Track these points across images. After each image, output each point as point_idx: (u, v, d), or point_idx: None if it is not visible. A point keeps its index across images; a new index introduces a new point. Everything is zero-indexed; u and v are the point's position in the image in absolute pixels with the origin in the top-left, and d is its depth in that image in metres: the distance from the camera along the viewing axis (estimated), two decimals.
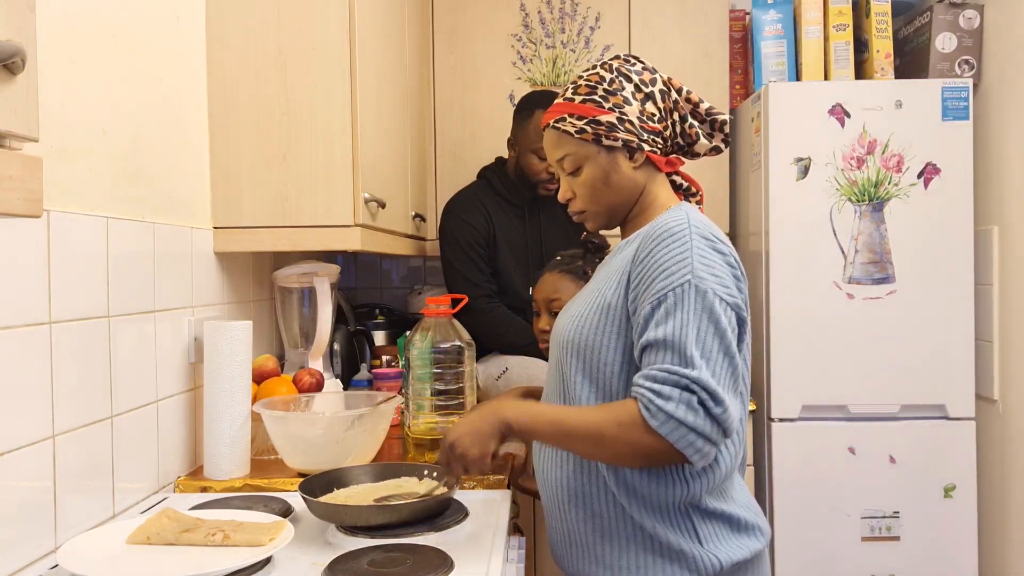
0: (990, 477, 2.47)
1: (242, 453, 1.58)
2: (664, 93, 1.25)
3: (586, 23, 2.73)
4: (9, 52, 0.66)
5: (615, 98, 1.23)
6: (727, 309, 1.11)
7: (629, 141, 1.23)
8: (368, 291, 3.04)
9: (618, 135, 1.23)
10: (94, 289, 1.28)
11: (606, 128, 1.23)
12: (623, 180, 1.25)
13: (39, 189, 0.72)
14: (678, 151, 1.29)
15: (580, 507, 1.21)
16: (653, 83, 1.25)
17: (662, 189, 1.29)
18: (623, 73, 1.24)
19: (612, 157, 1.24)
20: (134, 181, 1.42)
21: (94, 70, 1.30)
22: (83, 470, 1.25)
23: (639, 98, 1.23)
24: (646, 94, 1.24)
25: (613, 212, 1.29)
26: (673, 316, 1.09)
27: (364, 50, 1.74)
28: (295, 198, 1.69)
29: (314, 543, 1.22)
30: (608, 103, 1.23)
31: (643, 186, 1.27)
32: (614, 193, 1.26)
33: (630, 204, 1.28)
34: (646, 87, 1.24)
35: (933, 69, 2.53)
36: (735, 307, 1.13)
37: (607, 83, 1.24)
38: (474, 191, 2.38)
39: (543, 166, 2.26)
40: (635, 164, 1.25)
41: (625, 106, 1.22)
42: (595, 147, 1.24)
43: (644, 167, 1.26)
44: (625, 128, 1.22)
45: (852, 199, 2.47)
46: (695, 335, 1.08)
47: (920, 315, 2.45)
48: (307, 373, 1.73)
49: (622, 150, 1.24)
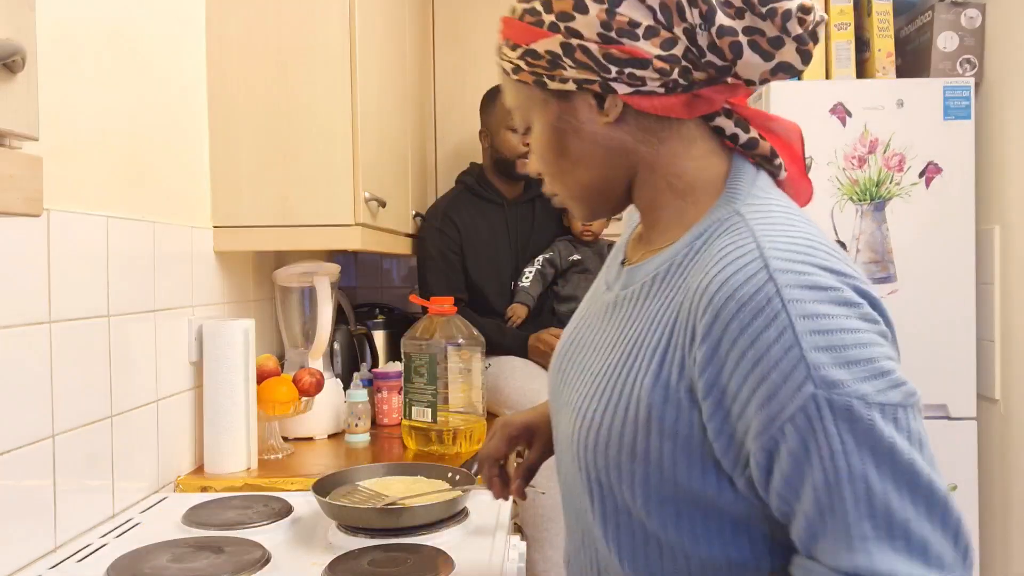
0: (991, 477, 2.47)
1: (243, 452, 1.58)
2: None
3: None
4: (9, 51, 0.66)
5: (562, 3, 0.73)
6: (895, 417, 0.62)
7: (586, 80, 0.74)
8: (368, 290, 3.04)
9: (565, 73, 0.74)
10: (94, 288, 1.28)
11: (547, 62, 0.75)
12: (588, 145, 0.78)
13: (39, 188, 0.72)
14: (719, 75, 0.74)
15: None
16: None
17: (690, 154, 0.77)
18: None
19: (568, 106, 0.77)
20: (134, 180, 1.42)
21: (94, 69, 1.30)
22: (83, 469, 1.24)
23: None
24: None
25: (588, 196, 0.82)
26: (805, 467, 0.63)
27: (365, 49, 1.73)
28: (295, 197, 1.69)
29: (314, 543, 1.22)
30: (550, 15, 0.74)
31: (635, 152, 0.77)
32: (576, 166, 0.79)
33: (617, 183, 0.80)
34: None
35: (935, 68, 2.53)
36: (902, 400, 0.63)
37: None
38: (450, 198, 2.40)
39: (518, 139, 2.26)
40: (608, 117, 0.76)
41: (576, 16, 0.72)
42: (540, 94, 0.78)
43: (632, 119, 0.76)
44: (575, 59, 0.73)
45: (853, 198, 2.47)
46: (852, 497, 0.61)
47: (921, 315, 2.45)
48: (307, 373, 1.73)
49: (581, 95, 0.76)
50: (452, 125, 2.72)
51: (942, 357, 2.44)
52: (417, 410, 1.74)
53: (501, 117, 2.29)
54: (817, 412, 0.62)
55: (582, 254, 2.34)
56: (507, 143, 2.29)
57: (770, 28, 0.70)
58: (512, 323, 2.27)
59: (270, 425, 1.71)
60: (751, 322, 0.64)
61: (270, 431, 1.71)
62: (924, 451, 0.63)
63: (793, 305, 0.63)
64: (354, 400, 1.84)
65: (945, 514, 0.62)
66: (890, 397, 0.63)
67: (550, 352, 2.17)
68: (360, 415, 1.83)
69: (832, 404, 0.61)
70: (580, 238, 2.35)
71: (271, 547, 1.18)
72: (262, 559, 1.13)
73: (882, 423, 0.62)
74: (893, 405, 0.63)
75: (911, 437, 0.63)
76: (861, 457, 0.61)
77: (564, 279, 2.34)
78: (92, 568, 1.10)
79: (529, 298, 2.29)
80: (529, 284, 2.30)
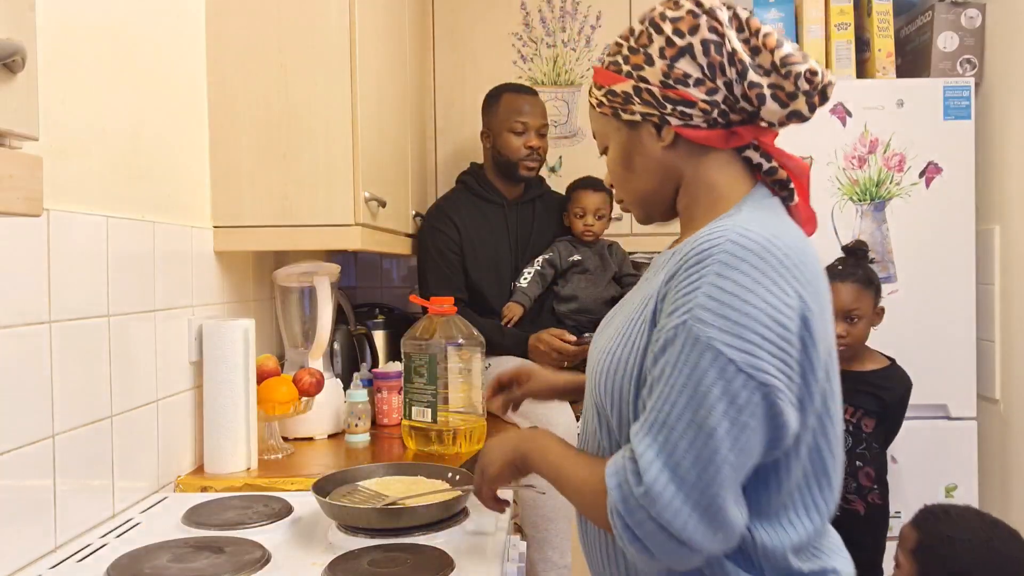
0: (991, 477, 2.47)
1: (243, 452, 1.58)
2: (711, 44, 0.95)
3: (587, 22, 2.73)
4: (9, 51, 0.66)
5: (636, 57, 0.98)
6: (726, 368, 0.82)
7: (649, 115, 0.99)
8: (368, 290, 3.04)
9: (634, 108, 0.99)
10: (94, 288, 1.28)
11: (622, 99, 1.00)
12: (649, 163, 1.02)
13: (39, 188, 0.72)
14: (750, 119, 0.98)
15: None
16: (694, 31, 0.95)
17: (722, 174, 1.00)
18: (655, 23, 0.98)
19: (635, 134, 1.02)
20: (134, 180, 1.42)
21: (94, 69, 1.30)
22: (83, 469, 1.24)
23: (669, 55, 0.96)
24: (679, 49, 0.96)
25: (647, 202, 1.06)
26: (656, 366, 0.87)
27: (364, 48, 1.73)
28: (295, 197, 1.69)
29: (314, 543, 1.22)
30: (627, 66, 0.99)
31: (681, 171, 1.01)
32: (639, 178, 1.04)
33: (667, 192, 1.04)
34: (681, 38, 0.96)
35: (935, 68, 2.53)
36: (746, 367, 0.82)
37: (634, 39, 1.00)
38: (450, 199, 2.40)
39: (521, 142, 2.28)
40: (663, 143, 1.00)
41: (646, 67, 0.97)
42: (615, 123, 1.03)
43: (681, 146, 1.00)
44: (642, 98, 0.98)
45: (853, 198, 2.47)
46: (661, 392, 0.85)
47: (921, 315, 2.45)
48: (307, 372, 1.73)
49: (645, 125, 1.00)
50: (452, 125, 2.72)
51: (942, 357, 2.44)
52: (417, 410, 1.74)
53: (504, 119, 2.29)
54: (681, 333, 0.84)
55: (582, 254, 2.34)
56: (509, 145, 2.29)
57: (788, 85, 0.93)
58: (507, 322, 2.27)
59: (270, 425, 1.71)
60: (693, 262, 0.87)
61: (270, 431, 1.71)
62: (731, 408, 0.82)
63: (718, 265, 0.85)
64: (354, 400, 1.84)
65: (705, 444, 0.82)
66: (731, 353, 0.82)
67: (550, 352, 2.17)
68: (360, 415, 1.83)
69: (689, 332, 0.84)
70: (581, 238, 2.35)
71: (271, 547, 1.18)
72: (262, 559, 1.13)
73: (710, 361, 0.82)
74: (732, 361, 0.82)
75: (727, 388, 0.82)
76: (680, 371, 0.84)
77: (564, 279, 2.34)
78: (92, 568, 1.10)
79: (525, 298, 2.29)
80: (527, 284, 2.30)
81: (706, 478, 0.82)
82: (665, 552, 0.85)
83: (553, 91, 2.72)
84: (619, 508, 0.86)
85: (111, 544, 1.20)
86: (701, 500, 0.83)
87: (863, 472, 2.09)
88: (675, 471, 0.83)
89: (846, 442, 2.11)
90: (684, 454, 0.83)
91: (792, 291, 0.86)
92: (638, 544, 0.86)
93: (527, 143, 2.29)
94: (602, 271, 2.35)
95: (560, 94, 2.74)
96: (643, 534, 0.85)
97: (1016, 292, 2.37)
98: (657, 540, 0.84)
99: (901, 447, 2.44)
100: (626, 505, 0.85)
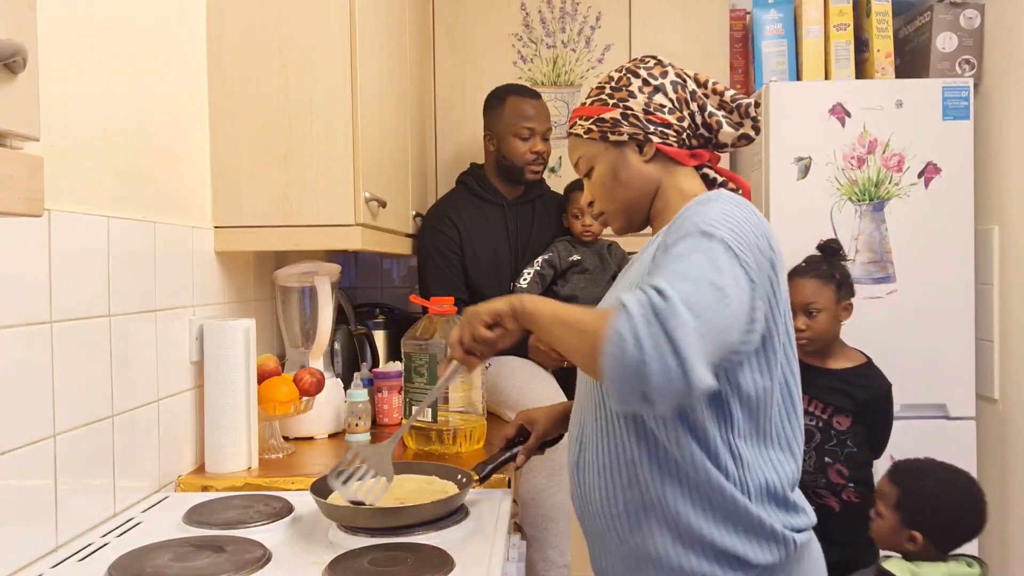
0: (990, 477, 2.47)
1: (244, 452, 1.58)
2: (678, 84, 1.22)
3: (587, 23, 2.73)
4: (10, 51, 0.66)
5: (620, 93, 1.22)
6: (733, 257, 1.00)
7: (635, 134, 1.21)
8: (369, 290, 3.04)
9: (622, 129, 1.22)
10: (95, 288, 1.28)
11: (610, 124, 1.22)
12: (633, 175, 1.23)
13: (40, 188, 0.72)
14: (705, 144, 1.25)
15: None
16: (664, 75, 1.22)
17: (688, 183, 1.24)
18: (631, 71, 1.24)
19: (621, 152, 1.23)
20: (135, 180, 1.42)
21: (95, 69, 1.30)
22: (84, 469, 1.25)
23: (647, 91, 1.21)
24: (655, 87, 1.21)
25: (629, 209, 1.26)
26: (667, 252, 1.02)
27: (365, 49, 1.74)
28: (296, 197, 1.69)
29: (315, 542, 1.22)
30: (613, 100, 1.23)
31: (659, 180, 1.24)
32: (625, 188, 1.24)
33: (646, 200, 1.25)
34: (655, 80, 1.22)
35: (933, 69, 2.53)
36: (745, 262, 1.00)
37: (614, 82, 1.24)
38: (450, 199, 2.40)
39: (526, 147, 2.28)
40: (645, 157, 1.23)
41: (630, 99, 1.21)
42: (602, 144, 1.24)
43: (658, 161, 1.23)
44: (629, 122, 1.21)
45: (852, 199, 2.47)
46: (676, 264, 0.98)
47: (920, 315, 2.45)
48: (308, 372, 1.73)
49: (630, 144, 1.23)
50: (452, 125, 2.73)
51: (941, 357, 2.45)
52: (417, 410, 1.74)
53: (509, 124, 2.28)
54: (694, 231, 1.02)
55: (581, 254, 2.34)
56: (515, 150, 2.30)
57: (736, 116, 1.23)
58: None
59: (271, 425, 1.71)
60: (692, 209, 1.09)
61: (271, 431, 1.71)
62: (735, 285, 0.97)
63: (722, 202, 1.08)
64: (354, 400, 1.84)
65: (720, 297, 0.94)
66: (738, 251, 1.00)
67: (550, 352, 2.17)
68: (360, 415, 1.84)
69: (702, 231, 1.02)
70: (580, 238, 2.35)
71: (272, 546, 1.18)
72: (263, 558, 1.13)
73: (722, 249, 0.99)
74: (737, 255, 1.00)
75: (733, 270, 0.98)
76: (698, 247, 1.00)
77: (564, 279, 2.34)
78: (93, 567, 1.11)
79: None
80: (527, 285, 2.30)
81: (715, 319, 0.93)
82: (660, 372, 0.87)
83: (553, 91, 2.73)
84: (635, 318, 0.89)
85: (112, 544, 1.20)
86: (708, 332, 0.91)
87: (833, 469, 2.10)
88: (691, 306, 0.90)
89: (814, 437, 2.12)
90: (700, 296, 0.92)
91: (763, 236, 1.07)
92: (636, 359, 0.88)
93: (532, 148, 2.30)
94: (601, 271, 2.36)
95: (560, 95, 2.74)
96: (650, 346, 0.87)
97: (1015, 292, 2.37)
98: (660, 354, 0.87)
99: (900, 447, 2.44)
100: (643, 312, 0.89)
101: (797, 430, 1.15)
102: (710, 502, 1.07)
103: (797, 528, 1.11)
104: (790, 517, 1.11)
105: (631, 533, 1.11)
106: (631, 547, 1.11)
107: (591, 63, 2.73)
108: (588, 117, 1.25)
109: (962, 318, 2.45)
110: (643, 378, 0.88)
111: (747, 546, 1.07)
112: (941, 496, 1.76)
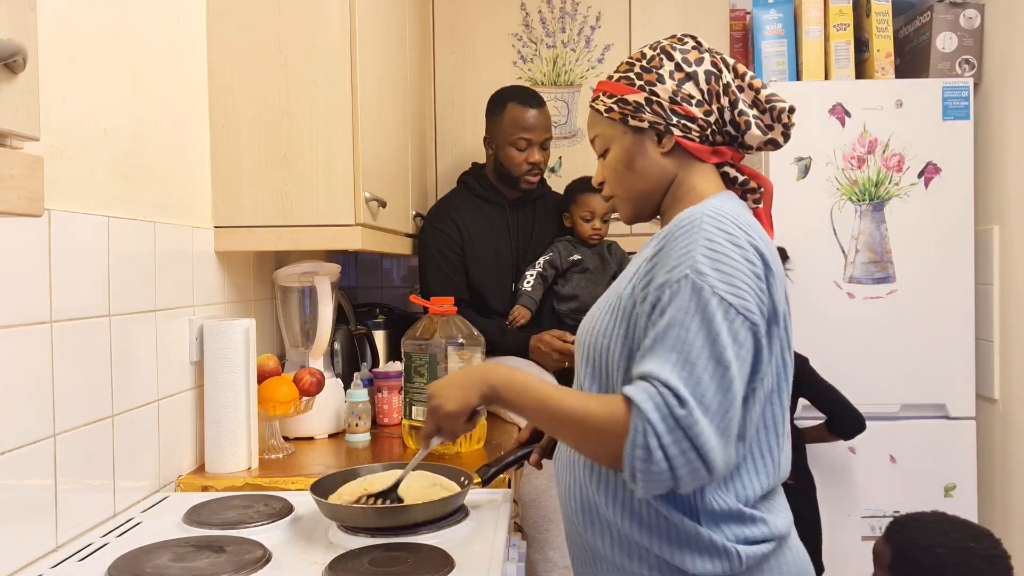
0: (990, 477, 2.47)
1: (244, 452, 1.58)
2: (712, 74, 1.13)
3: (587, 22, 2.73)
4: (10, 51, 0.66)
5: (649, 75, 1.14)
6: (728, 311, 0.97)
7: (656, 123, 1.13)
8: (369, 290, 3.04)
9: (644, 116, 1.14)
10: (95, 288, 1.28)
11: (632, 108, 1.14)
12: (648, 165, 1.16)
13: (40, 188, 0.72)
14: (731, 141, 1.17)
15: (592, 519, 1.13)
16: (699, 63, 1.13)
17: (703, 180, 1.16)
18: (666, 51, 1.15)
19: (639, 139, 1.16)
20: (135, 180, 1.42)
21: (95, 69, 1.30)
22: (84, 469, 1.25)
23: (678, 77, 1.13)
24: (687, 74, 1.13)
25: (640, 200, 1.20)
26: (664, 316, 0.98)
27: (365, 49, 1.74)
28: (296, 197, 1.69)
29: (315, 542, 1.22)
30: (640, 81, 1.14)
31: (673, 174, 1.16)
32: (638, 178, 1.17)
33: (658, 193, 1.18)
34: (688, 66, 1.13)
35: (934, 69, 2.53)
36: (742, 309, 0.98)
37: (646, 60, 1.15)
38: (451, 199, 2.40)
39: (522, 157, 2.28)
40: (663, 149, 1.15)
41: (657, 84, 1.13)
42: (622, 127, 1.17)
43: (677, 154, 1.15)
44: (652, 109, 1.13)
45: (852, 199, 2.47)
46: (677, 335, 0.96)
47: (920, 315, 2.45)
48: (308, 372, 1.73)
49: (649, 132, 1.15)
50: (452, 125, 2.73)
51: (941, 357, 2.45)
52: (417, 410, 1.74)
53: (507, 132, 2.28)
54: (685, 285, 0.98)
55: (582, 254, 2.34)
56: (511, 159, 2.29)
57: (767, 118, 1.14)
58: (514, 325, 2.27)
59: (271, 425, 1.71)
60: (680, 232, 1.03)
61: (271, 431, 1.71)
62: (735, 345, 0.96)
63: (707, 230, 1.01)
64: (354, 400, 1.84)
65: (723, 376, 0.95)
66: (730, 299, 0.97)
67: (551, 353, 2.17)
68: (360, 415, 1.84)
69: (694, 284, 0.97)
70: (588, 241, 2.35)
71: (272, 546, 1.18)
72: (263, 558, 1.13)
73: (716, 306, 0.96)
74: (729, 303, 0.97)
75: (731, 328, 0.97)
76: (692, 316, 0.96)
77: (564, 279, 2.34)
78: (93, 567, 1.11)
79: (532, 301, 2.29)
80: (531, 287, 2.30)
81: (725, 405, 0.95)
82: (689, 472, 0.93)
83: (553, 91, 2.73)
84: (658, 429, 0.92)
85: (112, 543, 1.20)
86: (720, 424, 0.94)
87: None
88: (701, 400, 0.93)
89: None
90: (707, 385, 0.94)
91: (751, 248, 1.03)
92: (664, 466, 0.92)
93: (529, 159, 2.29)
94: (602, 270, 2.36)
95: (560, 94, 2.74)
96: (676, 453, 0.92)
97: (1015, 292, 2.37)
98: (687, 459, 0.92)
99: (900, 447, 2.45)
100: (666, 425, 0.92)
101: (774, 441, 1.09)
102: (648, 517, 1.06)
103: (752, 540, 1.05)
104: (745, 528, 1.05)
105: (584, 529, 1.13)
106: (586, 541, 1.14)
107: (591, 63, 2.73)
108: (612, 95, 1.17)
109: (962, 318, 2.45)
110: (673, 480, 0.93)
111: (685, 557, 1.04)
112: (937, 551, 1.51)
